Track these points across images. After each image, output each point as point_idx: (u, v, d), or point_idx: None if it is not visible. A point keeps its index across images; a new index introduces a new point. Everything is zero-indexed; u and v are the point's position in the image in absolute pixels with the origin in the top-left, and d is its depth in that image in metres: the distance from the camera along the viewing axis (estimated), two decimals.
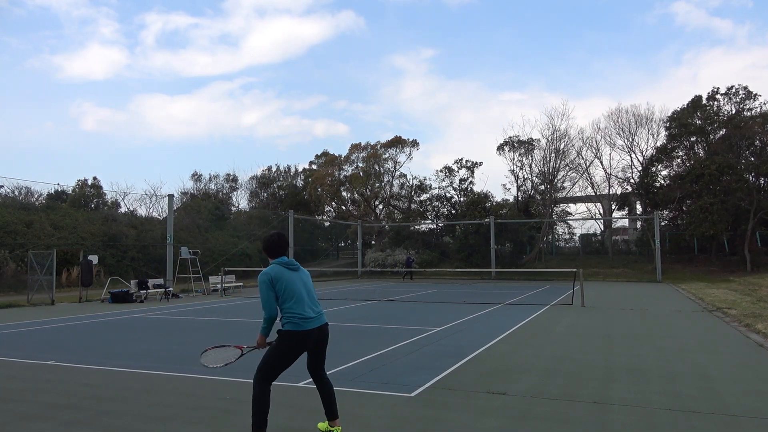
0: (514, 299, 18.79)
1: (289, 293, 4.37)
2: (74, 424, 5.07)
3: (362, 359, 8.01)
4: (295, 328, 4.33)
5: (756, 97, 37.89)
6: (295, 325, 4.33)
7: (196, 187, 50.15)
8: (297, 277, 4.48)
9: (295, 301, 4.36)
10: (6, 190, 33.00)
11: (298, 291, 4.41)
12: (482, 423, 5.00)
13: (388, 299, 19.57)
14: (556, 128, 40.20)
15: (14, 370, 7.53)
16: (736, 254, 34.18)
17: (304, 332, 4.35)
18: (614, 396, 5.89)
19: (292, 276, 4.46)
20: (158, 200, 39.32)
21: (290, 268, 4.50)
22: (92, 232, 29.02)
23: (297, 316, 4.35)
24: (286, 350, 4.35)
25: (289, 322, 4.35)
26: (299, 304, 4.37)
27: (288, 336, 4.34)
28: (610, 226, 44.03)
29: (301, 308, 4.37)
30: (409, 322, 12.62)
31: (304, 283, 4.51)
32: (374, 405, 5.62)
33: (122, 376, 7.09)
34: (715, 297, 17.82)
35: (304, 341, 4.38)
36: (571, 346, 9.18)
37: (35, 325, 12.82)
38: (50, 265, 18.54)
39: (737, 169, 33.07)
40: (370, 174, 45.61)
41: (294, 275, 4.48)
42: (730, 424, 4.92)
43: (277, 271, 4.43)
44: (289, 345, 4.35)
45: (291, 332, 4.34)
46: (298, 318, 4.35)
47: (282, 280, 4.39)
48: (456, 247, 40.19)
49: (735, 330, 10.96)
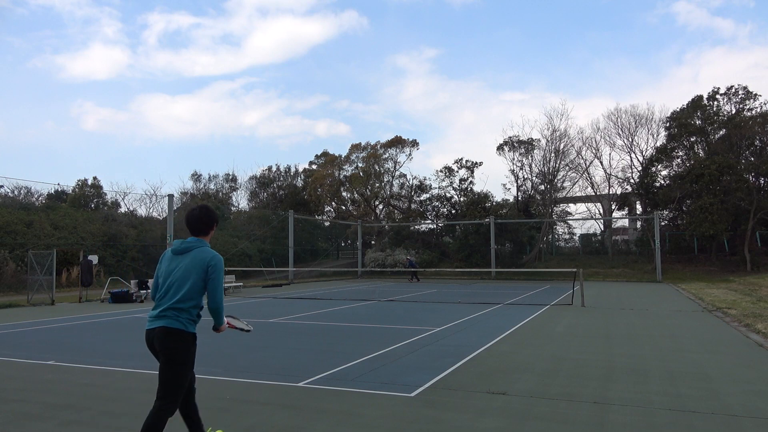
0: (514, 299, 18.79)
1: (160, 283, 3.88)
2: (74, 424, 5.07)
3: (362, 359, 8.01)
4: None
5: (756, 97, 37.89)
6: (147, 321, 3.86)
7: (196, 187, 50.20)
8: (175, 265, 3.84)
9: (159, 293, 3.84)
10: (6, 190, 33.03)
11: (165, 282, 3.83)
12: (482, 423, 5.00)
13: (388, 299, 19.57)
14: (555, 128, 40.24)
15: (14, 370, 7.53)
16: (736, 254, 34.17)
17: (146, 331, 3.83)
18: (614, 396, 5.89)
19: (172, 263, 3.86)
20: (158, 200, 39.37)
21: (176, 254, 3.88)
22: (92, 232, 29.03)
23: (151, 310, 3.87)
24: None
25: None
26: (158, 297, 3.84)
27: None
28: (610, 226, 44.04)
29: (156, 301, 3.84)
30: (409, 322, 12.62)
31: (171, 274, 3.81)
32: (374, 405, 5.62)
33: (122, 376, 7.09)
34: (715, 297, 17.82)
35: (146, 340, 3.83)
36: (571, 346, 9.18)
37: (35, 325, 12.82)
38: (50, 265, 18.53)
39: (737, 169, 33.06)
40: (370, 174, 45.60)
41: (174, 261, 3.86)
42: (730, 424, 4.92)
43: (162, 259, 3.94)
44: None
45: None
46: (150, 312, 3.88)
47: (160, 269, 3.90)
48: (456, 247, 40.18)
49: (735, 330, 10.96)
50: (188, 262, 3.79)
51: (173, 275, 3.79)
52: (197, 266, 3.77)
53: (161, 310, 3.75)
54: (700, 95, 38.95)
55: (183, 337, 3.73)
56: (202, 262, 3.79)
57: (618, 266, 35.34)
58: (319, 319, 13.58)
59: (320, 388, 6.28)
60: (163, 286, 3.83)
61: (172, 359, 3.69)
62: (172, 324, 3.71)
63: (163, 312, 3.73)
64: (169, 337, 3.69)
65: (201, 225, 3.94)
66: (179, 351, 3.69)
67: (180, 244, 3.89)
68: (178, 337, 3.71)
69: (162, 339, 3.69)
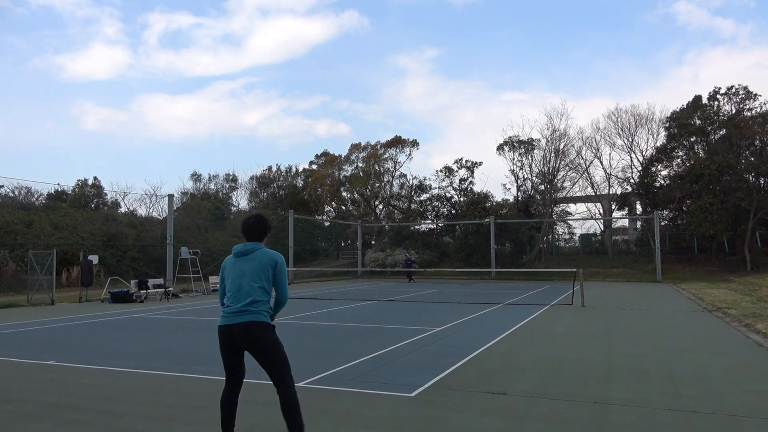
0: (514, 299, 18.79)
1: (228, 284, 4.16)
2: (74, 424, 5.07)
3: (362, 359, 8.01)
4: (220, 322, 4.13)
5: (756, 97, 37.89)
6: (221, 319, 4.13)
7: (196, 187, 50.19)
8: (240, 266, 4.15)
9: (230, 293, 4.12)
10: (6, 190, 33.02)
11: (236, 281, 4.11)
12: (482, 423, 5.00)
13: (388, 299, 19.57)
14: (555, 128, 40.24)
15: (14, 370, 7.53)
16: (736, 254, 34.17)
17: (225, 327, 4.09)
18: (614, 396, 5.89)
19: (237, 265, 4.17)
20: (158, 200, 39.35)
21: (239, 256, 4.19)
22: (92, 232, 29.03)
23: (226, 308, 4.13)
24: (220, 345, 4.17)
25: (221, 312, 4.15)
26: (231, 296, 4.11)
27: (218, 330, 4.15)
28: (610, 226, 44.03)
29: (231, 300, 4.10)
30: (409, 322, 12.62)
31: (243, 274, 4.12)
32: (374, 405, 5.62)
33: (122, 376, 7.09)
34: (715, 297, 17.82)
35: (224, 336, 4.10)
36: (571, 346, 9.18)
37: (35, 325, 12.82)
38: (50, 265, 18.53)
39: (737, 169, 33.06)
40: (370, 174, 45.60)
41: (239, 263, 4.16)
42: (730, 424, 4.92)
43: (226, 262, 4.24)
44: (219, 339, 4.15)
45: (218, 326, 4.14)
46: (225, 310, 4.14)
47: (226, 271, 4.20)
48: (456, 247, 40.17)
49: (735, 330, 10.96)
50: (256, 263, 4.12)
51: (244, 275, 4.10)
52: (265, 265, 4.11)
53: (242, 305, 4.04)
54: (700, 95, 38.99)
55: (266, 327, 4.09)
56: (269, 261, 4.14)
57: (618, 266, 35.34)
58: (319, 319, 13.59)
59: (320, 388, 6.28)
60: (234, 285, 4.10)
61: (264, 348, 4.04)
62: (256, 318, 4.04)
63: (244, 307, 4.03)
64: (256, 330, 4.03)
65: (258, 231, 4.26)
66: (267, 340, 4.05)
67: (243, 247, 4.18)
68: (263, 328, 4.06)
69: (249, 332, 4.02)
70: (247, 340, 4.03)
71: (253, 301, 4.05)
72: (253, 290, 4.06)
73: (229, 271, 4.19)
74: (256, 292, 4.06)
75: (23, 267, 22.54)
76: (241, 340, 4.04)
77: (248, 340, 4.03)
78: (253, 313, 4.04)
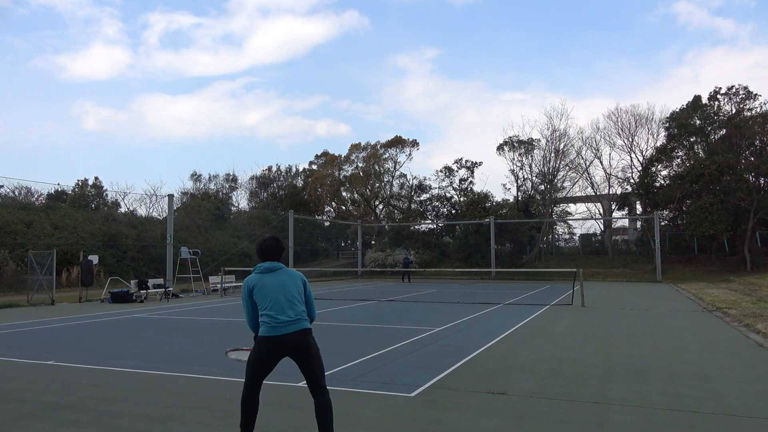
0: (514, 299, 18.79)
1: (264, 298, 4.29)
2: (74, 424, 5.07)
3: (362, 359, 8.02)
4: (265, 333, 4.23)
5: (756, 97, 37.89)
6: (267, 330, 4.23)
7: (196, 187, 50.19)
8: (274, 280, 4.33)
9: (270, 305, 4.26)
10: (6, 190, 33.02)
11: (274, 295, 4.29)
12: (482, 423, 5.00)
13: (388, 299, 19.57)
14: (555, 128, 40.24)
15: (14, 370, 7.53)
16: (736, 254, 34.17)
17: (274, 338, 4.22)
18: (614, 396, 5.89)
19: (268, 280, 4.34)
20: (158, 200, 39.38)
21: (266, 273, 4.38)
22: (92, 232, 29.03)
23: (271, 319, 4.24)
24: (255, 355, 4.29)
25: (263, 324, 4.26)
26: (274, 307, 4.25)
27: (260, 341, 4.26)
28: (610, 226, 44.02)
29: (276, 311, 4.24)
30: (409, 322, 12.62)
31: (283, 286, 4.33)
32: (374, 405, 5.62)
33: (122, 376, 7.09)
34: (715, 297, 17.82)
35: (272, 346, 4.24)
36: (571, 346, 9.18)
37: (35, 325, 12.82)
38: (50, 265, 18.53)
39: (737, 169, 33.05)
40: (370, 174, 45.60)
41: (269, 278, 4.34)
42: (730, 424, 4.92)
43: (255, 279, 4.37)
44: (258, 350, 4.27)
45: (262, 337, 4.25)
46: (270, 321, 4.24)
47: (258, 287, 4.33)
48: (456, 247, 40.15)
49: (735, 330, 10.96)
50: (287, 278, 4.39)
51: (283, 288, 4.32)
52: (296, 281, 4.43)
53: (296, 314, 4.29)
54: (700, 95, 38.99)
55: (312, 334, 4.40)
56: (299, 277, 4.48)
57: (618, 266, 35.33)
58: (319, 319, 13.54)
59: None
60: (280, 297, 4.29)
61: (313, 354, 4.31)
62: (307, 325, 4.36)
63: (297, 316, 4.29)
64: (309, 338, 4.33)
65: (276, 252, 4.51)
66: (316, 346, 4.36)
67: (270, 265, 4.41)
68: (311, 335, 4.38)
69: (305, 340, 4.29)
70: (299, 347, 4.26)
71: (302, 310, 4.34)
72: (297, 301, 4.33)
73: (263, 286, 4.31)
74: (299, 303, 4.35)
75: (23, 267, 22.54)
76: (293, 348, 4.25)
77: (300, 347, 4.26)
78: (304, 320, 4.34)
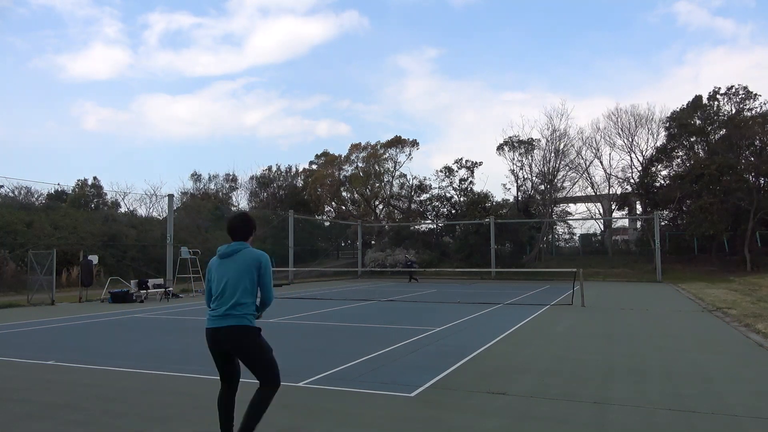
0: (514, 299, 18.79)
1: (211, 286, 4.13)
2: (74, 424, 5.07)
3: (362, 359, 8.01)
4: (206, 324, 4.08)
5: (756, 97, 37.87)
6: (207, 321, 4.08)
7: (196, 187, 50.20)
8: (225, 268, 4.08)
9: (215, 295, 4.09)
10: (6, 190, 33.02)
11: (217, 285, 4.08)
12: (482, 423, 5.00)
13: (388, 299, 19.57)
14: (555, 128, 40.25)
15: (15, 370, 7.53)
16: (736, 254, 34.15)
17: (208, 330, 4.06)
18: (614, 396, 5.89)
19: (221, 266, 4.11)
20: (158, 200, 39.40)
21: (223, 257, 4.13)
22: (92, 232, 29.02)
23: (210, 310, 4.07)
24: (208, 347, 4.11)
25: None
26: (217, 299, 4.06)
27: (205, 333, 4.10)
28: (610, 226, 44.03)
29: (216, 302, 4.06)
30: (409, 322, 12.62)
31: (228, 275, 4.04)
32: (374, 405, 5.62)
33: (122, 376, 7.09)
34: (715, 297, 17.81)
35: (209, 339, 4.07)
36: (571, 346, 9.18)
37: (35, 325, 12.82)
38: (50, 265, 18.52)
39: (737, 169, 33.05)
40: (370, 174, 45.60)
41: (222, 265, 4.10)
42: (730, 424, 4.92)
43: (211, 264, 4.19)
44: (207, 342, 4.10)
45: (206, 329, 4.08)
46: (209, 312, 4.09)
47: (212, 272, 4.15)
48: (456, 247, 40.13)
49: (735, 330, 10.96)
50: (239, 264, 4.04)
51: (227, 277, 4.03)
52: (249, 266, 4.04)
53: (225, 309, 3.98)
54: (700, 95, 38.95)
55: (249, 332, 4.03)
56: (253, 261, 4.06)
57: (618, 266, 35.32)
58: (319, 319, 13.58)
59: (320, 388, 6.28)
60: (218, 288, 4.05)
61: (248, 353, 4.03)
62: (239, 322, 3.99)
63: (227, 311, 3.98)
64: (239, 335, 3.98)
65: (242, 231, 4.19)
66: (251, 344, 4.02)
67: (226, 248, 4.11)
68: (246, 333, 4.01)
69: (233, 337, 3.98)
70: (231, 344, 4.01)
71: (236, 304, 3.99)
72: (237, 292, 4.00)
73: (213, 273, 4.14)
74: (240, 295, 4.00)
75: (23, 267, 22.52)
76: (225, 343, 4.02)
77: (232, 344, 4.01)
78: (236, 317, 3.98)
